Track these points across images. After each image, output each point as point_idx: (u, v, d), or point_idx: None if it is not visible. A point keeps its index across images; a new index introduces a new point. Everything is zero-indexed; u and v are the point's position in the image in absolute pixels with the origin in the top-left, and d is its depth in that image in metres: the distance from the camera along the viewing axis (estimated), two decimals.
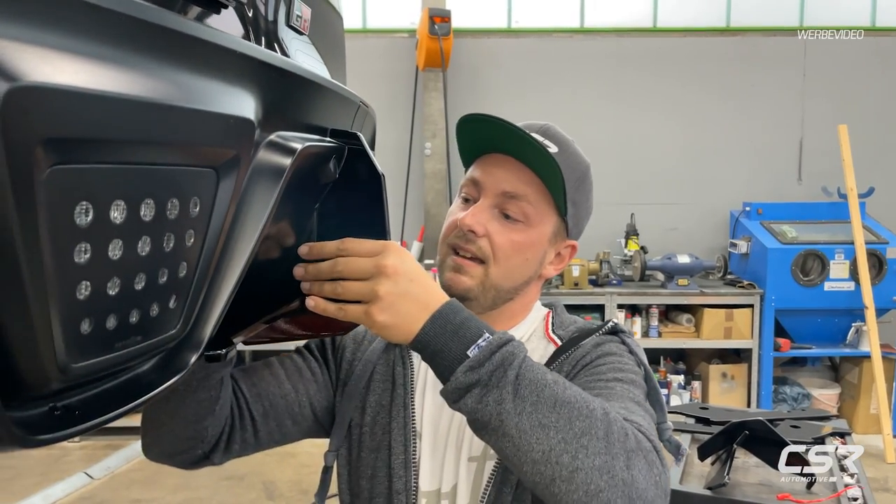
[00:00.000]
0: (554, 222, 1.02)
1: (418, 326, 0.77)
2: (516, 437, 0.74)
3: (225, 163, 0.55)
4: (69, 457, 4.55)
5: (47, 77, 0.37)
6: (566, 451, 0.74)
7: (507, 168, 0.99)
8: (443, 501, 1.00)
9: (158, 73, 0.46)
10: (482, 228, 0.97)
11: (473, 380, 0.75)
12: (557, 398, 0.76)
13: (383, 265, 0.76)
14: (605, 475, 0.74)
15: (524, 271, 1.01)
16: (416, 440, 1.02)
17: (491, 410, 0.74)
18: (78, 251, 0.42)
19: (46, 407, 0.45)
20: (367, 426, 1.04)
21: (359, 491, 1.04)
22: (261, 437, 1.02)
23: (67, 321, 0.42)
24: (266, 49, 0.68)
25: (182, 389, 0.90)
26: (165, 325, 0.53)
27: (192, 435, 0.94)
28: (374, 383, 1.06)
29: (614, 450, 0.75)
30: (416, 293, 0.77)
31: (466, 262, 0.98)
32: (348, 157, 0.83)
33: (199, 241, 0.54)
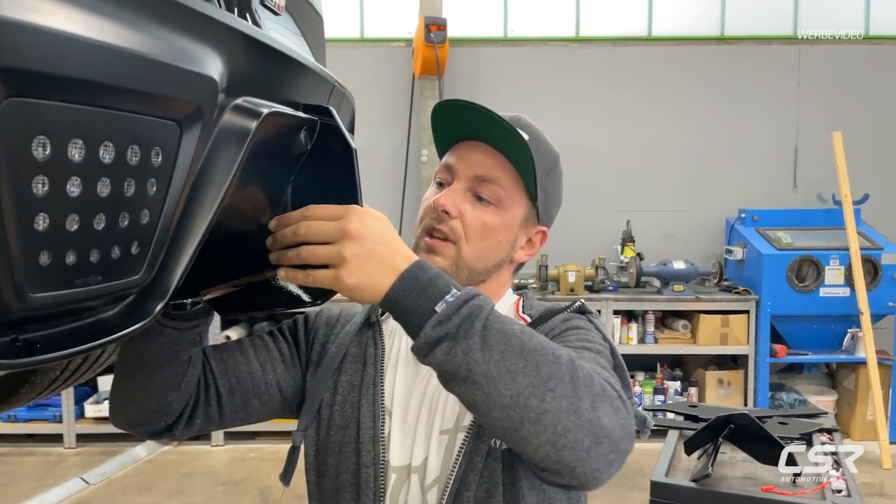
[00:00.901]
0: (525, 206, 1.05)
1: (387, 286, 0.79)
2: (485, 384, 0.76)
3: (186, 117, 0.57)
4: (66, 462, 4.56)
5: (7, 10, 0.39)
6: (534, 394, 0.76)
7: (480, 153, 1.02)
8: (413, 475, 1.01)
9: (120, 20, 0.49)
10: (455, 209, 1.00)
11: (442, 333, 0.77)
12: (524, 346, 0.78)
13: (347, 228, 0.78)
14: (571, 416, 0.76)
15: (496, 253, 1.03)
16: (386, 417, 1.03)
17: (459, 361, 0.76)
18: (35, 183, 0.44)
19: (8, 338, 0.47)
20: (337, 405, 1.05)
21: (325, 469, 1.04)
22: (225, 413, 1.03)
23: (25, 251, 0.45)
24: (234, 16, 0.71)
25: (150, 363, 0.92)
26: (128, 270, 0.55)
27: (155, 408, 0.96)
28: (346, 364, 1.08)
29: (580, 392, 0.78)
30: (383, 254, 0.79)
31: (439, 243, 1.00)
32: (321, 132, 0.86)
33: (161, 191, 0.56)
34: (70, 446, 4.77)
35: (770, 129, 5.46)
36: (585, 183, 5.48)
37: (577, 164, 5.44)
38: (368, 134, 5.12)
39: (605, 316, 4.81)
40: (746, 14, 5.48)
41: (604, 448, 0.78)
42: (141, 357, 0.93)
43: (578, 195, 5.45)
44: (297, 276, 0.81)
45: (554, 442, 0.76)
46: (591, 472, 0.78)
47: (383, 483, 1.01)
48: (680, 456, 2.05)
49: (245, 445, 4.67)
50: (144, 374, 0.93)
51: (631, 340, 4.94)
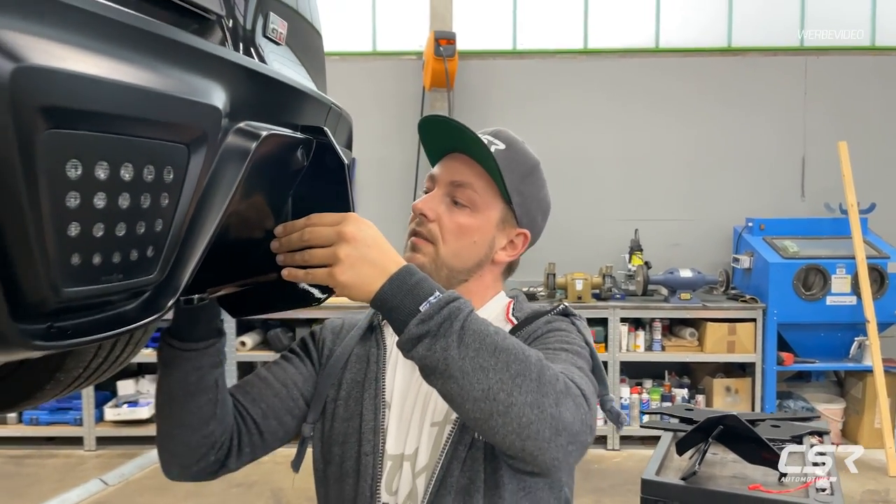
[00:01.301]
0: (500, 209, 1.14)
1: (377, 286, 0.88)
2: (460, 378, 0.86)
3: (194, 140, 0.67)
4: (85, 464, 4.69)
5: (44, 60, 0.50)
6: (502, 389, 0.85)
7: (458, 162, 1.13)
8: (405, 463, 1.10)
9: (137, 63, 0.59)
10: (433, 213, 1.10)
11: (424, 331, 0.86)
12: (497, 346, 0.87)
13: (343, 232, 0.88)
14: (535, 409, 0.86)
15: (473, 253, 1.13)
16: (385, 409, 1.13)
17: (438, 356, 0.86)
18: (68, 197, 0.54)
19: (45, 325, 0.57)
20: (341, 400, 1.15)
21: (331, 457, 1.14)
22: (266, 438, 1.13)
23: (60, 253, 0.55)
24: (239, 53, 0.81)
25: (181, 395, 1.01)
26: (144, 270, 0.65)
27: (200, 441, 1.04)
28: (351, 363, 1.18)
29: (545, 389, 0.87)
30: (374, 257, 0.89)
31: (420, 242, 1.10)
32: (317, 150, 0.96)
33: (172, 203, 0.66)
34: (90, 449, 4.91)
35: (777, 138, 5.52)
36: (593, 192, 5.56)
37: (584, 174, 5.54)
38: (381, 144, 5.25)
39: (612, 324, 4.88)
40: (753, 25, 5.55)
41: (562, 440, 0.88)
42: (172, 392, 1.02)
43: (586, 204, 5.54)
44: (299, 275, 0.91)
45: (518, 432, 0.86)
46: (550, 460, 0.88)
47: (380, 470, 1.10)
48: (672, 456, 2.12)
49: None
50: (179, 408, 1.02)
51: (638, 348, 4.99)
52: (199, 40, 0.71)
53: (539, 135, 5.47)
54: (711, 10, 5.59)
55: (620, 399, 4.93)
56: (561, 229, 5.52)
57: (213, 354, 1.04)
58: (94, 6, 0.56)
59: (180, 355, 1.01)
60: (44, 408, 4.99)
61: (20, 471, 4.62)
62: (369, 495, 1.09)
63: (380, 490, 1.10)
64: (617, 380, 4.92)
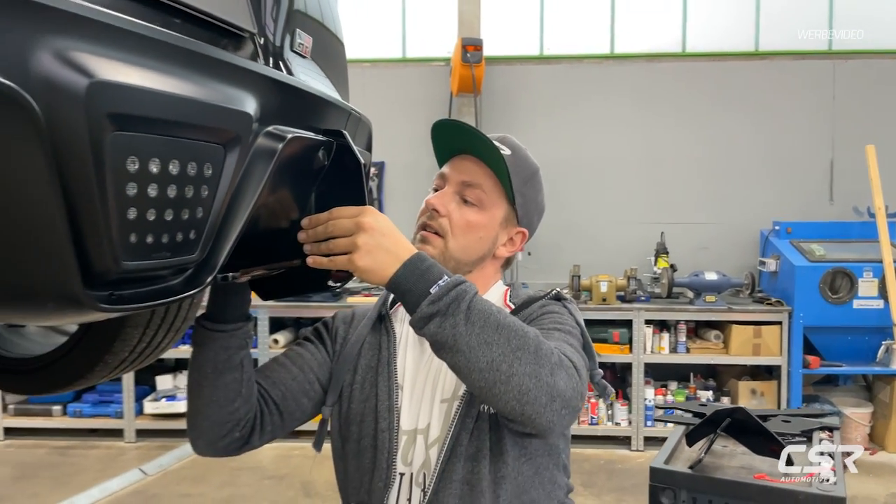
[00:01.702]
0: (504, 209, 1.25)
1: (392, 271, 1.00)
2: (467, 352, 0.97)
3: (229, 141, 0.79)
4: (126, 455, 4.90)
5: (111, 76, 0.62)
6: (504, 361, 0.97)
7: (468, 163, 1.24)
8: (418, 436, 1.22)
9: (184, 77, 0.72)
10: (444, 209, 1.21)
11: (434, 311, 0.98)
12: (499, 323, 0.99)
13: (361, 222, 1.00)
14: (532, 379, 0.97)
15: (478, 247, 1.24)
16: (398, 390, 1.25)
17: (447, 333, 0.97)
18: (128, 187, 0.67)
19: (107, 292, 0.69)
20: (357, 384, 1.27)
21: (348, 435, 1.26)
22: (285, 417, 1.24)
23: (121, 232, 0.67)
24: (268, 67, 0.94)
25: (210, 373, 1.13)
26: (188, 250, 0.77)
27: (226, 418, 1.14)
28: (364, 350, 1.29)
29: (541, 361, 0.98)
30: (388, 245, 1.01)
31: (430, 235, 1.22)
32: (337, 151, 1.08)
33: (211, 194, 0.79)
34: (130, 440, 5.12)
35: (805, 142, 5.52)
36: (619, 195, 5.62)
37: (610, 177, 5.60)
38: (410, 149, 5.38)
39: (636, 325, 4.94)
40: (780, 29, 5.56)
41: (557, 405, 0.99)
42: (203, 369, 1.14)
43: (612, 207, 5.60)
44: (323, 262, 1.04)
45: (519, 398, 0.97)
46: (546, 422, 0.99)
47: (396, 444, 1.22)
48: (683, 447, 2.19)
49: (289, 444, 4.93)
50: (209, 384, 1.13)
51: (663, 350, 5.04)
52: (235, 56, 0.84)
53: (565, 138, 5.56)
54: (738, 15, 5.61)
55: (645, 400, 4.98)
56: (586, 232, 5.61)
57: (241, 337, 1.16)
58: (149, 31, 0.68)
59: (211, 335, 1.13)
60: (87, 401, 5.23)
61: (64, 460, 4.84)
62: (385, 467, 1.21)
63: (395, 462, 1.21)
64: (641, 381, 4.97)
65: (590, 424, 5.04)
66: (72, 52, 0.59)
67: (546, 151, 5.43)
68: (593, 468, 4.63)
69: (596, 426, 5.04)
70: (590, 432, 5.03)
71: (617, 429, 5.06)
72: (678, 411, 2.56)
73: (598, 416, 5.06)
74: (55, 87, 0.58)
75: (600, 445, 5.02)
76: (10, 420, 5.20)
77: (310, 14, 1.17)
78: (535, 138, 5.46)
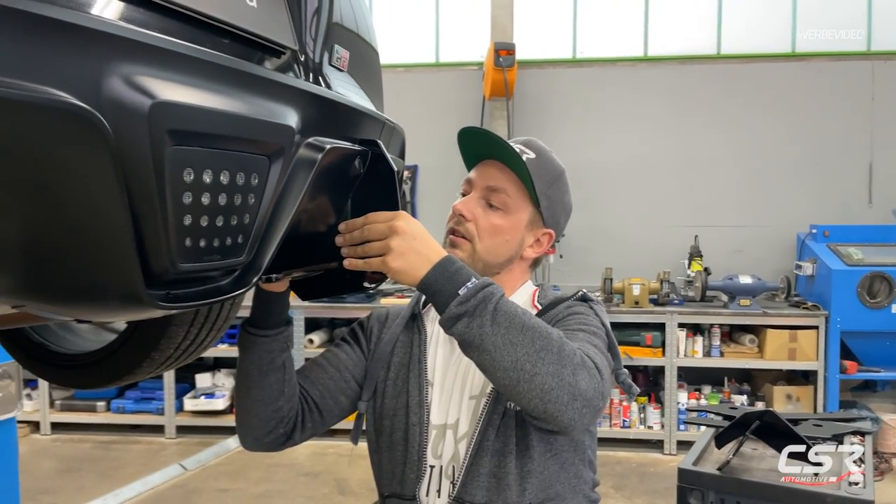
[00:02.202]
0: (529, 212, 1.30)
1: (423, 272, 1.06)
2: (492, 351, 1.02)
3: (274, 153, 0.86)
4: (167, 451, 5.05)
5: (171, 96, 0.69)
6: (528, 360, 1.02)
7: (492, 169, 1.29)
8: (448, 431, 1.27)
9: (233, 96, 0.78)
10: (470, 214, 1.27)
11: (462, 311, 1.03)
12: (524, 324, 1.04)
13: (395, 226, 1.06)
14: (555, 378, 1.02)
15: (505, 250, 1.29)
16: (429, 387, 1.30)
17: (475, 333, 1.03)
18: (184, 196, 0.73)
19: (164, 291, 0.76)
20: (390, 380, 1.33)
21: (382, 429, 1.32)
22: (324, 415, 1.32)
23: (177, 237, 0.74)
24: (308, 82, 1.00)
25: (255, 375, 1.23)
26: (236, 253, 0.84)
27: (271, 415, 1.23)
28: (397, 348, 1.36)
29: (564, 361, 1.03)
30: (419, 248, 1.06)
31: (459, 240, 1.27)
32: (372, 159, 1.14)
33: (257, 201, 0.85)
34: (171, 436, 5.27)
35: (843, 144, 5.44)
36: (653, 198, 5.61)
37: (644, 180, 5.59)
38: (443, 152, 5.43)
39: (669, 329, 4.92)
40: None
41: (578, 403, 1.04)
42: (249, 371, 1.23)
43: (645, 210, 5.59)
44: (359, 264, 1.10)
45: (541, 397, 1.02)
46: (568, 420, 1.04)
47: (426, 438, 1.27)
48: (712, 450, 2.21)
49: (325, 442, 5.02)
50: (255, 384, 1.23)
51: (696, 354, 5.01)
52: (278, 74, 0.90)
53: (598, 141, 5.57)
54: (774, 15, 5.56)
55: (678, 404, 4.96)
56: (619, 235, 5.61)
57: (282, 340, 1.25)
58: (203, 54, 0.75)
59: (255, 340, 1.23)
60: (129, 397, 5.40)
61: (108, 455, 5.01)
62: (416, 459, 1.27)
63: (426, 455, 1.27)
64: (674, 385, 4.96)
65: (622, 427, 5.04)
66: (137, 76, 0.66)
67: (578, 154, 5.47)
68: (625, 471, 4.63)
69: (628, 429, 5.04)
70: (622, 435, 5.03)
71: (649, 432, 5.05)
72: (710, 414, 2.57)
73: (631, 419, 5.05)
74: (123, 107, 0.65)
75: (632, 448, 5.02)
76: (56, 415, 5.39)
77: (346, 26, 1.23)
78: (567, 141, 5.50)
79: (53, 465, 4.80)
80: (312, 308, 5.07)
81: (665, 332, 4.95)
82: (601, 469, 4.82)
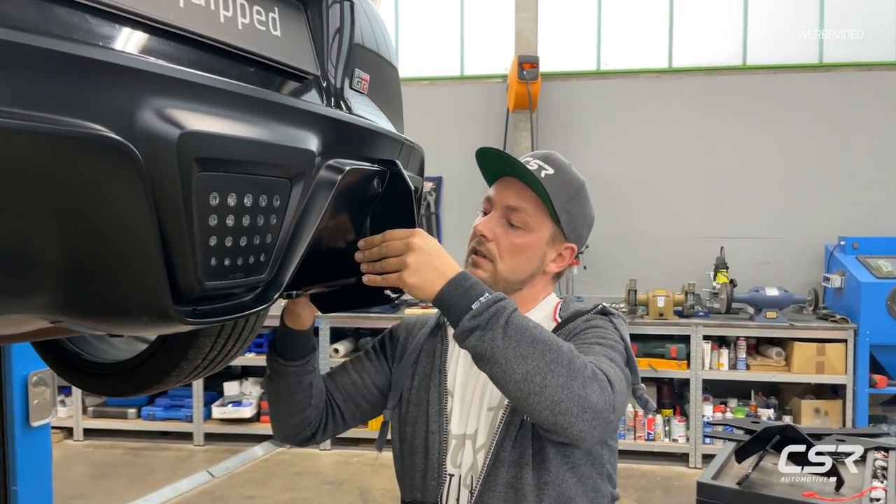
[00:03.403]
0: (550, 228, 1.32)
1: (438, 288, 1.09)
2: (504, 364, 1.05)
3: (295, 176, 0.91)
4: (194, 458, 5.13)
5: (198, 126, 0.74)
6: (538, 373, 1.04)
7: (511, 187, 1.31)
8: (467, 441, 1.31)
9: (255, 122, 0.83)
10: (491, 234, 1.29)
11: (475, 325, 1.06)
12: (535, 338, 1.06)
13: (411, 243, 1.10)
14: (564, 391, 1.04)
15: (527, 267, 1.32)
16: (449, 397, 1.34)
17: (486, 346, 1.06)
18: (210, 219, 0.78)
19: (191, 308, 0.81)
20: (413, 389, 1.37)
21: (405, 436, 1.36)
22: (346, 417, 1.41)
23: (203, 257, 0.79)
24: (329, 107, 1.05)
25: (285, 394, 1.35)
26: (258, 271, 0.89)
27: (299, 423, 1.37)
28: (422, 357, 1.40)
29: (574, 374, 1.05)
30: (435, 263, 1.10)
31: (480, 260, 1.30)
32: (390, 179, 1.18)
33: (279, 222, 0.90)
34: (199, 444, 5.36)
35: (872, 155, 5.38)
36: (678, 210, 5.59)
37: (669, 191, 5.58)
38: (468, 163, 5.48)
39: (694, 341, 4.89)
40: (845, 41, 5.44)
41: (588, 416, 1.06)
42: (279, 393, 1.36)
43: (670, 222, 5.57)
44: (377, 280, 1.14)
45: (551, 409, 1.05)
46: (577, 432, 1.06)
47: (445, 447, 1.31)
48: (732, 464, 2.21)
49: (349, 451, 5.08)
50: (285, 402, 1.35)
51: (722, 366, 4.97)
52: (300, 100, 0.95)
53: (622, 153, 5.58)
54: (800, 25, 5.52)
55: (703, 417, 4.92)
56: (643, 246, 5.59)
57: (308, 366, 1.35)
58: (227, 85, 0.80)
59: (284, 370, 1.33)
60: (159, 405, 5.50)
61: (137, 461, 5.12)
62: (437, 467, 1.30)
63: (446, 463, 1.30)
64: (699, 398, 4.92)
65: (646, 440, 5.01)
66: (167, 108, 0.71)
67: (603, 166, 5.47)
68: (649, 484, 4.61)
69: (653, 442, 5.01)
70: (647, 448, 5.00)
71: (674, 445, 5.02)
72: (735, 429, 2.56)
73: (655, 432, 5.02)
74: (153, 137, 0.70)
75: (657, 461, 4.99)
76: (88, 421, 5.52)
77: (367, 46, 1.28)
78: (592, 153, 5.51)
79: (86, 471, 4.91)
80: (338, 318, 5.14)
81: (690, 345, 4.92)
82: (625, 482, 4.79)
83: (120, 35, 0.72)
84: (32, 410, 2.31)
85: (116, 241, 0.71)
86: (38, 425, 2.33)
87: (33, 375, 2.31)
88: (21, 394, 2.28)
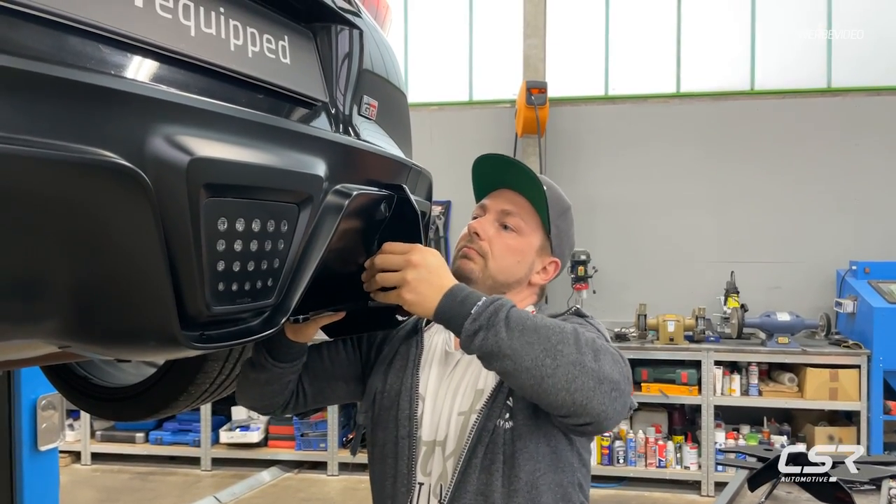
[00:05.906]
0: (540, 237, 1.35)
1: (436, 302, 1.10)
2: (512, 355, 1.05)
3: (303, 201, 0.91)
4: (201, 482, 5.10)
5: (207, 153, 0.75)
6: (547, 355, 1.04)
7: (507, 195, 1.35)
8: (437, 448, 1.30)
9: (264, 149, 0.84)
10: (484, 233, 1.33)
11: (477, 327, 1.07)
12: (537, 325, 1.07)
13: (409, 259, 1.11)
14: (577, 367, 1.04)
15: (516, 270, 1.33)
16: (420, 402, 1.33)
17: (492, 343, 1.06)
18: (218, 243, 0.79)
19: (198, 332, 0.81)
20: (385, 392, 1.37)
21: (376, 440, 1.36)
22: (308, 398, 1.43)
23: (212, 281, 0.79)
24: (337, 133, 1.06)
25: (263, 384, 1.35)
26: (265, 295, 0.89)
27: (266, 403, 1.40)
28: (395, 360, 1.40)
29: (583, 349, 1.06)
30: (433, 279, 1.11)
31: (472, 252, 1.32)
32: (398, 203, 1.19)
33: (286, 247, 0.90)
34: (206, 468, 5.33)
35: (883, 179, 5.36)
36: (687, 234, 5.57)
37: (678, 216, 5.57)
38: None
39: (705, 366, 4.85)
40: (854, 65, 5.46)
41: (605, 387, 1.06)
42: (257, 381, 1.36)
43: (679, 246, 5.55)
44: (378, 296, 1.14)
45: (567, 388, 1.04)
46: (598, 405, 1.05)
47: (416, 453, 1.30)
48: (744, 492, 2.17)
49: (357, 476, 5.03)
50: (260, 388, 1.36)
51: (733, 392, 4.92)
52: (308, 127, 0.96)
53: (631, 178, 5.58)
54: (809, 51, 5.54)
55: (715, 444, 4.86)
56: (653, 270, 5.57)
57: (295, 367, 1.35)
58: (236, 112, 0.81)
59: (271, 368, 1.32)
60: (167, 429, 5.49)
61: (145, 485, 5.09)
62: (406, 472, 1.29)
63: (415, 471, 1.29)
64: (711, 424, 4.86)
65: (657, 467, 4.95)
66: (176, 135, 0.72)
67: (611, 190, 5.48)
68: None
69: (664, 469, 4.95)
70: (658, 475, 4.93)
71: (686, 472, 4.95)
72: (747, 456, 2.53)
73: (667, 459, 4.96)
74: (163, 164, 0.70)
75: (669, 489, 4.92)
76: (96, 445, 5.51)
77: (375, 72, 1.29)
78: (600, 177, 5.52)
79: (93, 495, 4.89)
80: None
81: (701, 370, 4.88)
82: None
83: (131, 63, 0.73)
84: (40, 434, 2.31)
85: (125, 266, 0.72)
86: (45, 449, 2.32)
87: (42, 399, 2.31)
88: (29, 418, 2.28)
